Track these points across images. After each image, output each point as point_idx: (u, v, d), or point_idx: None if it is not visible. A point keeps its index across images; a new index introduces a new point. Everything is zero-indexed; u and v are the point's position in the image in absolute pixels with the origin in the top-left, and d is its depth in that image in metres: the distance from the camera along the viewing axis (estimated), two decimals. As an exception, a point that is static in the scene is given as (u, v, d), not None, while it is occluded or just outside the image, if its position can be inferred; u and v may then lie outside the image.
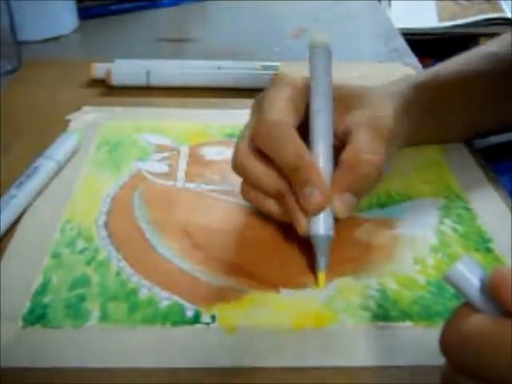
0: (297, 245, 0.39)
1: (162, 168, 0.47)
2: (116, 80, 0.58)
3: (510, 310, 0.24)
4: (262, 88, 0.41)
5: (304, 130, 0.38)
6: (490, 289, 0.25)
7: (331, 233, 0.36)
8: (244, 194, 0.39)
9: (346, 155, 0.37)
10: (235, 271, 0.37)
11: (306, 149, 0.36)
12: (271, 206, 0.38)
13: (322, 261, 0.36)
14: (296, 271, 0.37)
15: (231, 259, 0.38)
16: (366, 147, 0.37)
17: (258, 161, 0.37)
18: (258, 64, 0.60)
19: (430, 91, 0.45)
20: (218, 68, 0.60)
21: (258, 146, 0.37)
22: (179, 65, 0.61)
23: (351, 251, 0.39)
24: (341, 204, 0.36)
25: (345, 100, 0.40)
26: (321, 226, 0.36)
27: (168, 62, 0.61)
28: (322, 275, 0.36)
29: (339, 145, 0.39)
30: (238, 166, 0.38)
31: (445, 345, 0.26)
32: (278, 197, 0.37)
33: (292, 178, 0.36)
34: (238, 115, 0.54)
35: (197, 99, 0.57)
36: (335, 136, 0.39)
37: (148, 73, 0.58)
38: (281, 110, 0.37)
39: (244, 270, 0.37)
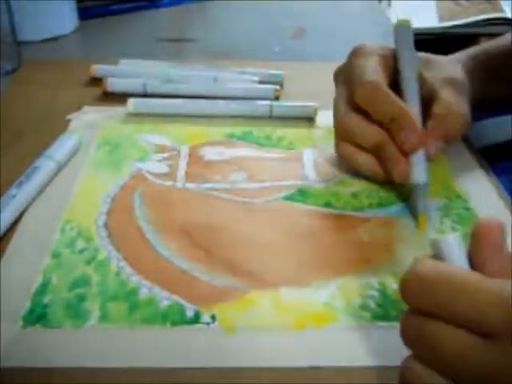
0: (297, 244, 0.39)
1: (162, 168, 0.47)
2: (112, 88, 0.58)
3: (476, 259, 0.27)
4: (259, 98, 0.42)
5: (393, 91, 0.43)
6: (473, 235, 0.27)
7: (427, 179, 0.41)
8: (341, 150, 0.45)
9: (437, 109, 0.43)
10: (235, 271, 0.37)
11: (400, 100, 0.42)
12: (368, 160, 0.43)
13: (421, 205, 0.41)
14: (296, 270, 0.37)
15: (231, 259, 0.38)
16: (453, 102, 0.43)
17: (358, 118, 0.43)
18: (255, 77, 0.59)
19: (482, 62, 0.50)
20: (214, 80, 0.59)
21: (358, 104, 0.42)
22: (176, 73, 0.60)
23: (352, 251, 0.39)
24: (434, 148, 0.42)
25: (423, 64, 0.46)
26: (419, 173, 0.41)
27: (165, 71, 0.60)
28: (423, 218, 0.41)
29: (424, 102, 0.44)
30: (339, 124, 0.44)
31: (403, 287, 0.27)
32: (377, 149, 0.42)
33: (390, 126, 0.41)
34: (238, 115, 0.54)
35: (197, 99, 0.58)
36: (422, 91, 0.44)
37: (144, 85, 0.57)
38: (375, 72, 0.43)
39: (244, 270, 0.37)
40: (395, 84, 0.44)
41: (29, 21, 0.70)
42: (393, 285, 0.36)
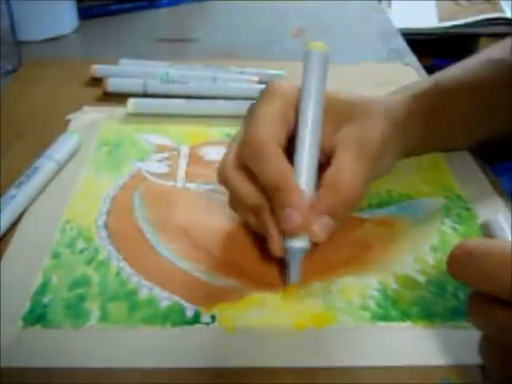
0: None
1: (162, 168, 0.47)
2: (112, 88, 0.58)
3: None
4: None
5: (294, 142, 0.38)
6: None
7: (306, 245, 0.35)
8: (230, 204, 0.40)
9: (326, 176, 0.36)
10: (235, 271, 0.37)
11: (289, 169, 0.36)
12: (252, 219, 0.38)
13: (295, 274, 0.36)
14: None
15: (231, 259, 0.38)
16: (347, 168, 0.36)
17: (241, 175, 0.37)
18: (255, 77, 0.59)
19: (429, 101, 0.44)
20: (214, 80, 0.59)
21: (242, 161, 0.37)
22: (176, 73, 0.60)
23: (351, 251, 0.39)
24: (318, 227, 0.35)
25: (336, 113, 0.39)
26: (296, 238, 0.35)
27: (165, 71, 0.60)
28: (293, 289, 0.36)
29: (325, 160, 0.38)
30: (222, 178, 0.39)
31: (450, 261, 0.27)
32: (256, 211, 0.37)
33: (272, 197, 0.35)
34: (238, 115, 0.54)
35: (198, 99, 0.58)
36: (322, 150, 0.38)
37: (145, 85, 0.57)
38: (269, 126, 0.37)
39: (244, 270, 0.37)
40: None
41: (29, 21, 0.70)
42: (392, 285, 0.36)
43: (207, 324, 0.34)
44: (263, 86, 0.55)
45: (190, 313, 0.34)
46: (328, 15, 0.82)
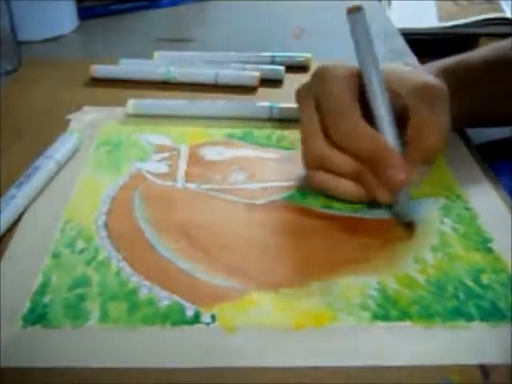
0: (297, 244, 0.39)
1: (162, 168, 0.47)
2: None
3: None
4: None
5: (365, 111, 0.41)
6: None
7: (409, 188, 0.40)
8: (317, 180, 0.42)
9: (411, 131, 0.41)
10: (235, 271, 0.37)
11: (378, 135, 0.40)
12: (349, 185, 0.41)
13: (408, 211, 0.41)
14: (296, 271, 0.37)
15: (231, 259, 0.38)
16: (427, 117, 0.40)
17: (333, 147, 0.41)
18: (256, 73, 0.60)
19: (455, 76, 0.46)
20: (215, 75, 0.60)
21: (335, 140, 0.40)
22: (177, 71, 0.60)
23: (351, 251, 0.39)
24: (415, 175, 0.40)
25: (395, 72, 0.43)
26: (404, 204, 0.41)
27: (166, 69, 0.61)
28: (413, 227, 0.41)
29: (400, 111, 0.41)
30: (315, 156, 0.41)
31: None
32: (356, 177, 0.41)
33: (373, 163, 0.39)
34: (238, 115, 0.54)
35: (198, 94, 0.58)
36: (395, 106, 0.41)
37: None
38: (349, 107, 0.40)
39: (244, 270, 0.37)
40: (366, 103, 0.41)
41: (29, 21, 0.70)
42: (392, 284, 0.36)
43: (207, 324, 0.34)
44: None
45: (189, 313, 0.34)
46: (328, 15, 0.82)
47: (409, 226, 0.41)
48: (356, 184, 0.41)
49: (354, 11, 0.41)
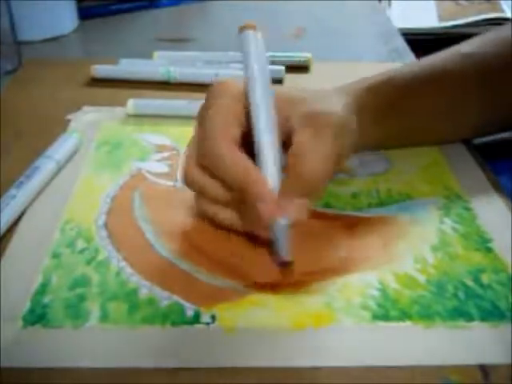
0: (297, 245, 0.39)
1: (162, 168, 0.47)
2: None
3: None
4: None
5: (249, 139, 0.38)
6: None
7: (287, 221, 0.35)
8: (199, 210, 0.40)
9: (290, 160, 0.36)
10: (235, 271, 0.37)
11: (250, 164, 0.36)
12: (227, 215, 0.38)
13: (284, 249, 0.35)
14: (295, 271, 0.37)
15: (231, 260, 0.38)
16: (307, 148, 0.36)
17: (206, 176, 0.37)
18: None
19: (380, 95, 0.43)
20: (215, 76, 0.60)
21: (204, 164, 0.37)
22: (177, 70, 0.60)
23: (351, 251, 0.39)
24: (294, 210, 0.35)
25: (286, 97, 0.39)
26: (281, 246, 0.35)
27: (166, 69, 0.61)
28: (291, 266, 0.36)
29: (287, 139, 0.38)
30: (189, 182, 0.39)
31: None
32: (231, 206, 0.37)
33: (241, 194, 0.35)
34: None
35: (198, 94, 0.58)
36: (282, 132, 0.38)
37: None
38: (222, 126, 0.37)
39: (244, 271, 0.37)
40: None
41: (29, 21, 0.70)
42: (393, 284, 0.36)
43: (207, 324, 0.34)
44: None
45: (189, 313, 0.34)
46: (328, 15, 0.82)
47: (285, 266, 0.36)
48: (236, 213, 0.38)
49: (247, 29, 0.40)
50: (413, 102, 0.45)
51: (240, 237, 0.39)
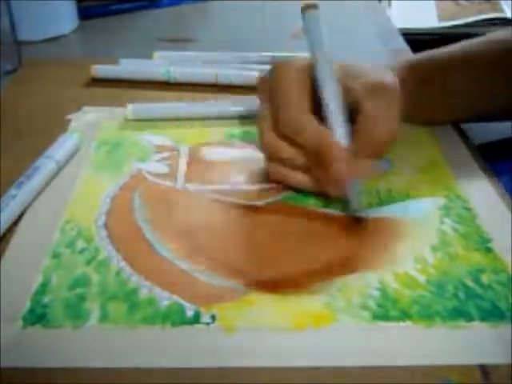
0: (297, 245, 0.39)
1: (162, 168, 0.47)
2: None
3: None
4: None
5: (318, 109, 0.42)
6: None
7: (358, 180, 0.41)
8: (272, 171, 0.43)
9: (360, 125, 0.41)
10: (235, 271, 0.37)
11: (325, 129, 0.41)
12: (301, 178, 0.42)
13: (356, 204, 0.41)
14: (296, 271, 0.37)
15: (231, 260, 0.38)
16: (378, 115, 0.41)
17: (284, 143, 0.41)
18: (256, 73, 0.60)
19: (422, 70, 0.48)
20: (216, 76, 0.60)
21: (282, 133, 0.41)
22: (177, 70, 0.60)
23: (351, 251, 0.39)
24: (363, 169, 0.40)
25: (346, 70, 0.43)
26: (354, 199, 0.41)
27: (166, 69, 0.61)
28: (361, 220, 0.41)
29: (353, 107, 0.42)
30: (266, 148, 0.43)
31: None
32: (307, 169, 0.42)
33: (318, 156, 0.40)
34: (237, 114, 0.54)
35: (198, 94, 0.58)
36: (348, 102, 0.42)
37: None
38: (297, 96, 0.41)
39: (244, 271, 0.37)
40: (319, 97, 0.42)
41: (29, 21, 0.70)
42: (393, 284, 0.36)
43: (207, 324, 0.34)
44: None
45: (189, 313, 0.34)
46: (328, 15, 0.82)
47: (359, 221, 0.41)
48: (308, 176, 0.42)
49: (309, 9, 0.44)
50: (448, 78, 0.48)
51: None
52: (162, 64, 0.62)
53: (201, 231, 0.40)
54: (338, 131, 0.41)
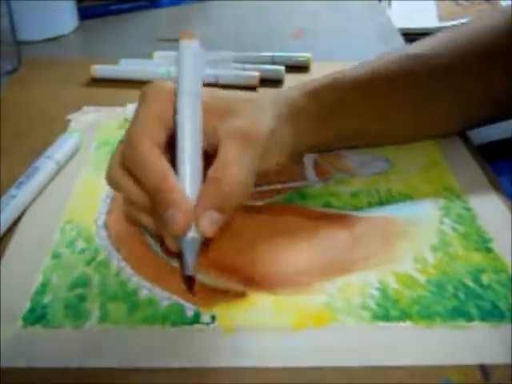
0: (297, 245, 0.39)
1: (162, 168, 0.47)
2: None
3: None
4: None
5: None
6: None
7: (198, 236, 0.34)
8: (124, 212, 0.38)
9: (211, 169, 0.35)
10: (234, 272, 0.37)
11: (168, 169, 0.34)
12: (146, 220, 0.36)
13: (188, 266, 0.33)
14: (296, 271, 0.37)
15: (231, 260, 0.38)
16: (231, 160, 0.35)
17: (128, 176, 0.36)
18: (256, 73, 0.60)
19: (322, 98, 0.43)
20: (215, 77, 0.60)
21: (125, 163, 0.36)
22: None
23: (351, 251, 0.39)
24: (205, 222, 0.33)
25: (218, 107, 0.38)
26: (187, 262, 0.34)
27: (166, 69, 0.61)
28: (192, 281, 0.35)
29: (213, 151, 0.36)
30: (109, 181, 0.37)
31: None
32: (148, 211, 0.36)
33: (155, 200, 0.34)
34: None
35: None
36: (209, 144, 0.37)
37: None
38: (147, 128, 0.36)
39: (244, 271, 0.37)
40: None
41: (29, 21, 0.70)
42: (393, 284, 0.36)
43: (207, 324, 0.34)
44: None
45: (189, 313, 0.34)
46: (328, 15, 0.82)
47: (188, 282, 0.35)
48: (154, 219, 0.36)
49: (185, 37, 0.38)
50: (355, 104, 0.44)
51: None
52: (161, 64, 0.62)
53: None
54: (187, 175, 0.34)
